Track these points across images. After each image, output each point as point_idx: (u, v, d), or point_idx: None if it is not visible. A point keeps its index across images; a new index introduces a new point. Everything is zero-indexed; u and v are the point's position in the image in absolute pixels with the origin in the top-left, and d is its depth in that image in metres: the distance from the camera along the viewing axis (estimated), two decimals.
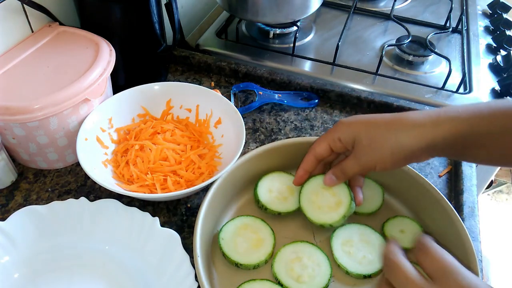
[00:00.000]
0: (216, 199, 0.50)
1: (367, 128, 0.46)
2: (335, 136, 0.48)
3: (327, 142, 0.49)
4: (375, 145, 0.45)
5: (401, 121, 0.45)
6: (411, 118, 0.44)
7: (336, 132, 0.48)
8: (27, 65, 0.55)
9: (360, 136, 0.46)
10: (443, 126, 0.42)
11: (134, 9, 0.62)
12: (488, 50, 0.88)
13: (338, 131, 0.48)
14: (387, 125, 0.45)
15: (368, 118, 0.47)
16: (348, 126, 0.47)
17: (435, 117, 0.43)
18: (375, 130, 0.45)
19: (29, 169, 0.58)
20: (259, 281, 0.46)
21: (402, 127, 0.44)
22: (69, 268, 0.48)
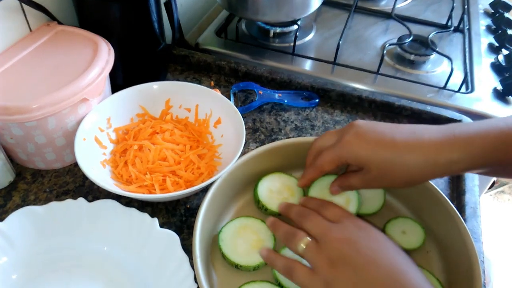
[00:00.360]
0: (216, 200, 0.50)
1: (377, 154, 0.43)
2: (342, 157, 0.45)
3: (333, 161, 0.46)
4: (386, 176, 0.44)
5: (416, 143, 0.42)
6: (426, 138, 0.42)
7: (343, 152, 0.45)
8: (25, 64, 0.55)
9: (369, 165, 0.44)
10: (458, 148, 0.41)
11: (133, 8, 0.61)
12: (490, 49, 0.87)
13: (345, 153, 0.45)
14: (400, 150, 0.42)
15: (378, 138, 0.44)
16: (356, 148, 0.44)
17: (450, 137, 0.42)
18: (386, 155, 0.43)
19: (27, 169, 0.58)
20: (259, 283, 0.46)
21: (416, 150, 0.42)
22: (67, 269, 0.48)
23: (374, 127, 0.45)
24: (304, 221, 0.45)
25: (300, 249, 0.42)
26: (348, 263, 0.39)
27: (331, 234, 0.42)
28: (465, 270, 0.45)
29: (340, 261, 0.39)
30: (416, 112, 0.69)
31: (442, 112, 0.68)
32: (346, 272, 0.39)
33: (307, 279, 0.40)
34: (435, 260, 0.50)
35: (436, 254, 0.50)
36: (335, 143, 0.46)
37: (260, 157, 0.54)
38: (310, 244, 0.42)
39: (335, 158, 0.46)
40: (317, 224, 0.43)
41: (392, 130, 0.44)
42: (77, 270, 0.48)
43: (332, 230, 0.42)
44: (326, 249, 0.41)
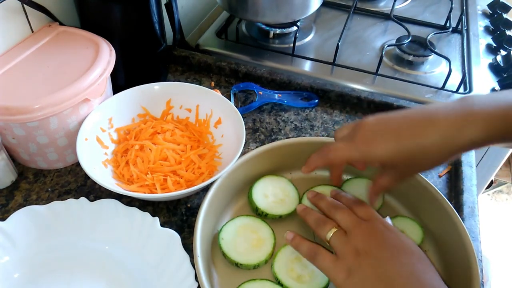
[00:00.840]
0: (216, 199, 0.50)
1: (397, 149, 0.41)
2: (361, 158, 0.44)
3: (344, 160, 0.46)
4: (413, 165, 0.43)
5: (433, 127, 0.40)
6: (442, 119, 0.40)
7: (361, 154, 0.44)
8: (27, 65, 0.55)
9: (393, 162, 0.43)
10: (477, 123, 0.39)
11: (134, 9, 0.62)
12: (488, 50, 0.88)
13: (363, 155, 0.43)
14: (418, 138, 0.41)
15: (394, 133, 0.42)
16: (375, 149, 0.42)
17: (468, 111, 0.39)
18: (406, 148, 0.41)
19: (29, 169, 0.58)
20: (259, 281, 0.46)
21: (433, 134, 0.40)
22: (69, 268, 0.48)
23: (386, 122, 0.43)
24: (335, 212, 0.46)
25: (328, 236, 0.44)
26: (373, 256, 0.40)
27: (361, 228, 0.43)
28: (463, 269, 0.45)
29: (365, 252, 0.41)
30: None
31: None
32: (370, 263, 0.40)
33: (331, 264, 0.42)
34: (433, 259, 0.50)
35: (434, 253, 0.51)
36: (347, 142, 0.45)
37: (260, 157, 0.55)
38: (339, 233, 0.44)
39: (350, 158, 0.45)
40: (348, 218, 0.45)
41: (405, 120, 0.42)
42: (78, 269, 0.48)
43: (362, 225, 0.44)
44: (354, 240, 0.42)
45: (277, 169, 0.57)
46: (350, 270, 0.40)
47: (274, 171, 0.57)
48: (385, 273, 0.39)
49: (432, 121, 0.40)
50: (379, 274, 0.39)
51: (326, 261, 0.43)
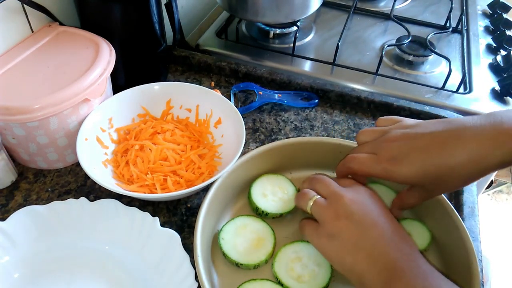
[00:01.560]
0: (216, 199, 0.50)
1: (426, 170, 0.40)
2: (388, 178, 0.43)
3: (370, 175, 0.44)
4: (441, 185, 0.42)
5: (462, 146, 0.39)
6: (470, 137, 0.39)
7: (388, 175, 0.42)
8: (27, 65, 0.55)
9: (422, 182, 0.42)
10: None
11: (134, 9, 0.62)
12: (488, 50, 0.88)
13: (390, 176, 0.42)
14: (446, 157, 0.39)
15: (421, 154, 0.41)
16: (404, 171, 0.41)
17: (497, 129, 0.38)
18: (435, 167, 0.40)
19: (29, 169, 0.58)
20: (259, 281, 0.46)
21: (463, 153, 0.39)
22: (69, 268, 0.48)
23: (412, 139, 0.42)
24: (316, 183, 0.46)
25: (308, 205, 0.44)
26: (354, 220, 0.40)
27: (342, 193, 0.43)
28: (463, 269, 0.45)
29: (345, 216, 0.41)
30: (415, 113, 0.69)
31: (440, 112, 0.68)
32: (350, 226, 0.40)
33: (313, 233, 0.42)
34: (433, 259, 0.50)
35: (434, 253, 0.51)
36: (374, 154, 0.44)
37: (260, 157, 0.55)
38: (318, 200, 0.43)
39: (374, 174, 0.44)
40: (328, 185, 0.44)
41: (432, 138, 0.41)
42: (78, 269, 0.48)
43: (343, 191, 0.43)
44: (334, 205, 0.42)
45: (277, 169, 0.57)
46: (331, 235, 0.41)
47: (274, 171, 0.57)
48: (366, 238, 0.39)
49: (461, 140, 0.39)
50: (359, 238, 0.39)
51: (310, 229, 0.43)
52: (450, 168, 0.39)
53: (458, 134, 0.40)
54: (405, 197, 0.46)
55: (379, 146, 0.44)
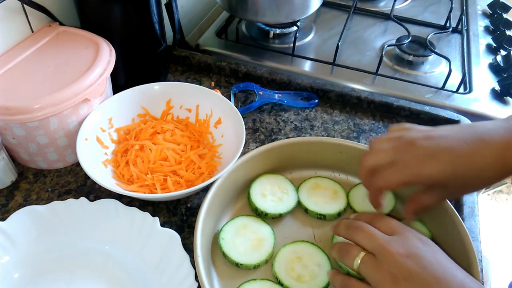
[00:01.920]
0: (216, 199, 0.50)
1: (451, 169, 0.39)
2: (411, 180, 0.41)
3: (399, 184, 0.42)
4: (463, 187, 0.41)
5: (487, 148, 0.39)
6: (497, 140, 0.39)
7: (412, 175, 0.41)
8: (27, 65, 0.55)
9: (445, 182, 0.40)
10: None
11: (134, 9, 0.62)
12: (488, 50, 0.88)
13: (415, 176, 0.40)
14: (472, 158, 0.39)
15: (446, 152, 0.40)
16: (427, 169, 0.40)
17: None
18: (460, 168, 0.39)
19: (29, 169, 0.58)
20: (259, 281, 0.46)
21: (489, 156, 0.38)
22: (69, 268, 0.48)
23: (437, 140, 0.41)
24: (355, 233, 0.42)
25: (355, 264, 0.40)
26: (415, 280, 0.36)
27: (391, 247, 0.39)
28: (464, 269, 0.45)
29: (404, 278, 0.36)
30: (415, 113, 0.69)
31: (440, 112, 0.68)
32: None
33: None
34: None
35: None
36: (395, 163, 0.42)
37: (260, 157, 0.55)
38: (366, 259, 0.39)
39: (402, 183, 0.41)
40: (372, 237, 0.40)
41: (457, 139, 0.40)
42: (78, 269, 0.48)
43: (390, 243, 0.39)
44: (387, 264, 0.38)
45: (277, 169, 0.57)
46: None
47: (274, 171, 0.57)
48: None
49: (485, 141, 0.39)
50: None
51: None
52: (477, 168, 0.39)
53: (482, 137, 0.39)
54: (422, 199, 0.44)
55: (400, 151, 0.42)
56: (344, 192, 0.55)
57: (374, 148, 0.44)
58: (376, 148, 0.44)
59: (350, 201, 0.55)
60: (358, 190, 0.56)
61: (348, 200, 0.55)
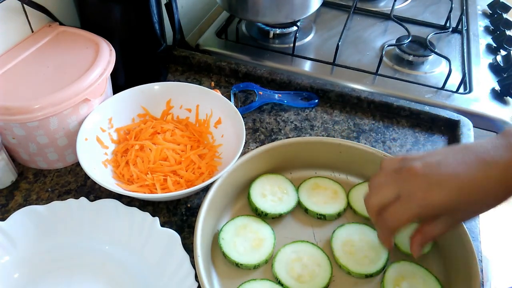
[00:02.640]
0: (216, 199, 0.50)
1: (459, 197, 0.39)
2: (421, 213, 0.40)
3: (410, 220, 0.41)
4: (471, 213, 0.41)
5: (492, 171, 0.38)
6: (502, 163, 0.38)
7: (420, 209, 0.40)
8: (27, 65, 0.55)
9: (453, 211, 0.40)
10: None
11: (134, 9, 0.62)
12: (488, 50, 0.88)
13: (424, 208, 0.40)
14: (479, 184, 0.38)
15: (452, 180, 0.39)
16: (435, 200, 0.39)
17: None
18: (467, 194, 0.39)
19: (29, 169, 0.58)
20: (259, 281, 0.46)
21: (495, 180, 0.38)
22: (69, 268, 0.48)
23: (437, 167, 0.40)
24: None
25: None
26: None
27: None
28: (464, 269, 0.45)
29: None
30: (415, 113, 0.69)
31: (440, 112, 0.68)
32: None
33: None
34: (433, 259, 0.50)
35: (434, 253, 0.51)
36: (400, 196, 0.41)
37: (260, 157, 0.55)
38: None
39: (413, 216, 0.40)
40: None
41: (458, 163, 0.40)
42: (78, 269, 0.48)
43: None
44: None
45: (277, 169, 0.57)
46: None
47: (274, 171, 0.57)
48: None
49: (488, 162, 0.38)
50: None
51: None
52: (485, 192, 0.38)
53: (484, 158, 0.39)
54: (429, 230, 0.42)
55: (402, 184, 0.41)
56: (344, 192, 0.55)
57: (375, 187, 0.43)
58: (376, 186, 0.43)
59: (350, 201, 0.55)
60: (358, 190, 0.56)
61: (348, 200, 0.55)
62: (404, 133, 0.68)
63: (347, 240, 0.50)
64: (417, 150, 0.65)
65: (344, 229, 0.51)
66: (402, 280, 0.47)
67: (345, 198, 0.55)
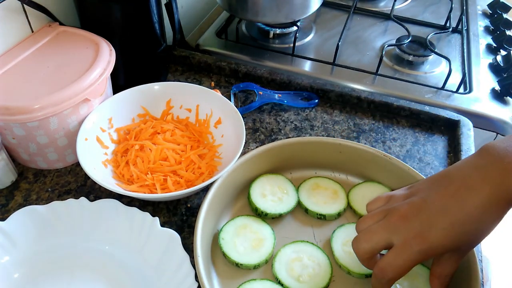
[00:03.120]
0: (216, 199, 0.50)
1: (459, 233, 0.38)
2: (425, 257, 0.38)
3: (411, 266, 0.39)
4: (476, 242, 0.40)
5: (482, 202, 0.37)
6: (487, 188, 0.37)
7: (427, 253, 0.38)
8: (27, 65, 0.55)
9: (457, 246, 0.39)
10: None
11: (134, 9, 0.62)
12: (488, 50, 0.88)
13: (427, 252, 0.38)
14: (473, 215, 0.37)
15: (447, 218, 0.38)
16: (438, 242, 0.38)
17: None
18: (466, 227, 0.38)
19: (29, 169, 0.58)
20: (259, 281, 0.46)
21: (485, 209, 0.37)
22: (69, 268, 0.48)
23: (423, 207, 0.39)
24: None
25: None
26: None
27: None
28: (464, 269, 0.45)
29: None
30: (415, 113, 0.69)
31: (440, 112, 0.68)
32: None
33: None
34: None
35: None
36: (394, 245, 0.39)
37: (260, 157, 0.55)
38: None
39: (414, 263, 0.39)
40: None
41: (442, 198, 0.39)
42: (78, 269, 0.48)
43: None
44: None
45: (277, 169, 0.57)
46: None
47: (274, 171, 0.57)
48: None
49: (473, 188, 0.38)
50: None
51: None
52: (478, 219, 0.37)
53: (468, 185, 0.38)
54: (443, 271, 0.41)
55: (394, 231, 0.40)
56: (344, 192, 0.55)
57: (364, 232, 0.42)
58: (365, 232, 0.42)
59: (350, 201, 0.55)
60: (358, 190, 0.56)
61: (348, 200, 0.55)
62: (404, 133, 0.68)
63: (347, 240, 0.50)
64: (417, 150, 0.65)
65: (344, 229, 0.51)
66: (403, 279, 0.47)
67: (345, 198, 0.55)
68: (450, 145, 0.66)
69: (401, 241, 0.39)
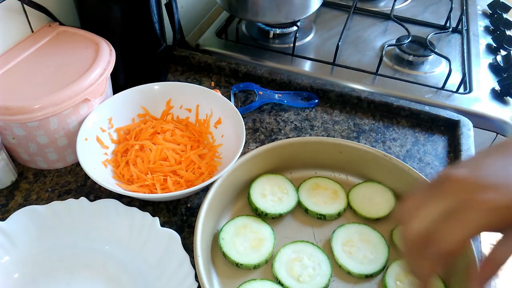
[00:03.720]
0: (216, 199, 0.50)
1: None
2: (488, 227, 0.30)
3: (469, 239, 0.31)
4: None
5: None
6: None
7: (488, 220, 0.30)
8: (27, 65, 0.55)
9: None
10: None
11: (134, 9, 0.62)
12: (488, 50, 0.88)
13: (487, 220, 0.30)
14: None
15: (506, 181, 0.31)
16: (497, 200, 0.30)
17: None
18: None
19: (29, 169, 0.58)
20: (259, 281, 0.46)
21: None
22: (69, 268, 0.48)
23: (483, 169, 0.32)
24: None
25: None
26: None
27: None
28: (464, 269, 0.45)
29: None
30: (415, 113, 0.69)
31: (440, 112, 0.68)
32: None
33: None
34: None
35: None
36: (452, 210, 0.31)
37: (260, 157, 0.55)
38: None
39: (481, 227, 0.30)
40: None
41: (502, 163, 0.32)
42: (78, 269, 0.48)
43: None
44: None
45: (277, 169, 0.57)
46: None
47: (274, 171, 0.57)
48: None
49: None
50: None
51: None
52: None
53: None
54: (501, 251, 0.32)
55: (451, 196, 0.32)
56: (344, 192, 0.55)
57: (410, 211, 0.33)
58: (413, 210, 0.33)
59: (350, 201, 0.55)
60: (358, 190, 0.56)
61: (348, 200, 0.55)
62: (404, 133, 0.68)
63: (347, 240, 0.50)
64: (417, 150, 0.65)
65: (344, 229, 0.51)
66: (403, 278, 0.47)
67: (345, 198, 0.55)
68: (450, 145, 0.66)
69: (461, 204, 0.30)
